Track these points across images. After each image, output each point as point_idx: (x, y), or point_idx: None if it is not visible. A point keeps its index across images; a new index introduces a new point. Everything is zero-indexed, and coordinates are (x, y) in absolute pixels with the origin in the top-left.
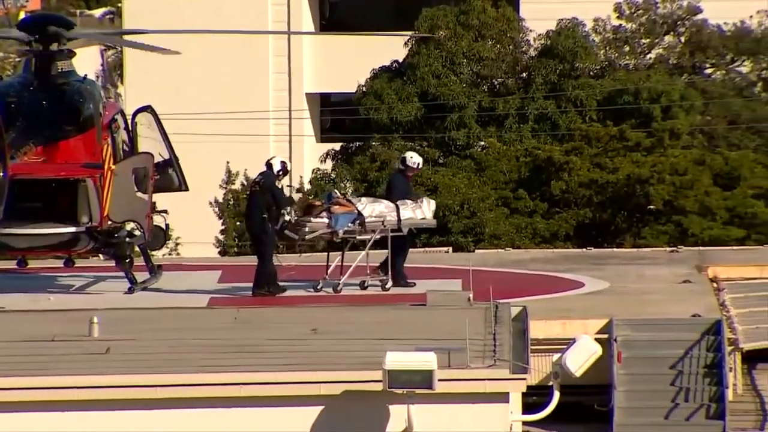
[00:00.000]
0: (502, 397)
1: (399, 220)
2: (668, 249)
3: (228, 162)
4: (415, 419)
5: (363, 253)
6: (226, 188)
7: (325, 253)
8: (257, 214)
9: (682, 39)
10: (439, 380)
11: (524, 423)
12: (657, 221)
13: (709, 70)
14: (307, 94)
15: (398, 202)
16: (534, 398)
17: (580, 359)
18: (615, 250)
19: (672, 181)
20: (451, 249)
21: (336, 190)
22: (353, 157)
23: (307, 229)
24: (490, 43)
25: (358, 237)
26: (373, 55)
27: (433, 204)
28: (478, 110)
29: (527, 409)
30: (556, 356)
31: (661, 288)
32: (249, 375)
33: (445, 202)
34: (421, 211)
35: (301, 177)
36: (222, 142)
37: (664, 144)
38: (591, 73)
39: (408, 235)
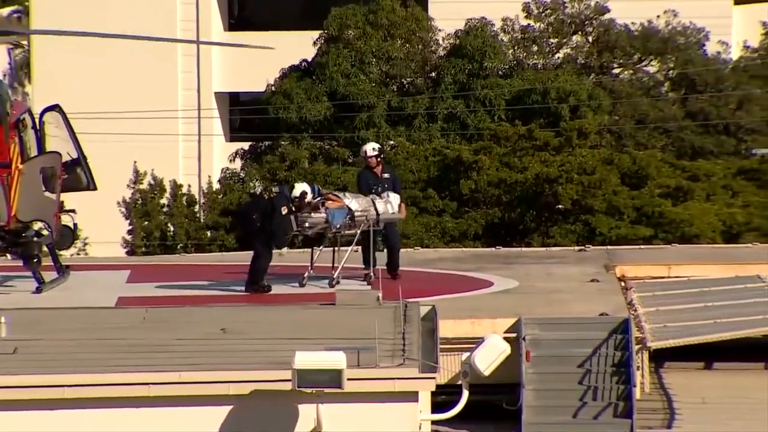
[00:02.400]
0: (411, 396)
1: (378, 214)
2: (576, 248)
3: (135, 162)
4: (324, 419)
5: (350, 248)
6: (133, 188)
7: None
8: (255, 213)
9: (590, 39)
10: (348, 379)
11: (433, 422)
12: (565, 220)
13: (616, 70)
14: (216, 93)
15: (371, 197)
16: (443, 397)
17: (489, 358)
18: (524, 249)
19: (580, 180)
20: (360, 248)
21: (317, 185)
22: (262, 156)
23: (307, 225)
24: (399, 42)
25: (344, 231)
26: (283, 54)
27: (398, 198)
28: (387, 110)
29: (436, 408)
30: (465, 355)
31: (570, 287)
32: (157, 375)
33: None
34: (391, 205)
35: (209, 177)
36: (130, 141)
37: (572, 143)
38: (500, 72)
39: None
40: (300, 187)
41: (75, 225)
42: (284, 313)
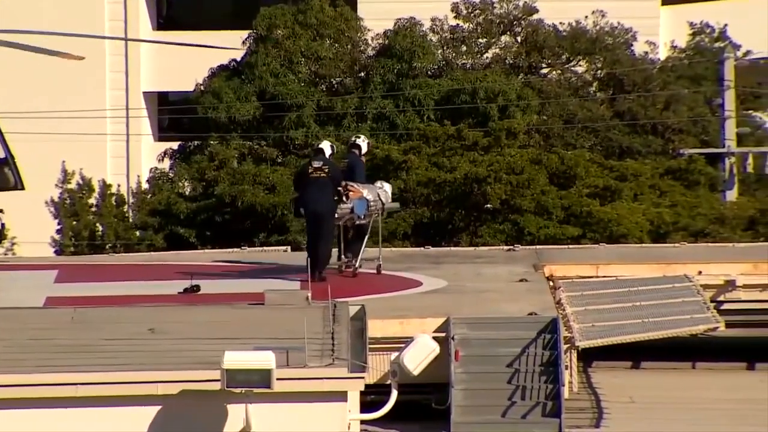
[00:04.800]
0: (340, 396)
1: (383, 203)
2: (505, 248)
3: (64, 161)
4: (253, 419)
5: (365, 238)
6: (62, 188)
7: None
8: (329, 197)
9: (519, 39)
10: (278, 379)
11: (362, 422)
12: (494, 220)
13: (545, 70)
14: (144, 92)
15: (374, 187)
16: (372, 397)
17: (418, 358)
18: (452, 248)
19: (509, 180)
20: (289, 248)
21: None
22: (191, 156)
23: (337, 215)
24: (328, 42)
25: (357, 222)
26: (211, 53)
27: (390, 187)
28: (316, 109)
29: (365, 407)
30: (394, 355)
31: (498, 286)
32: (85, 375)
33: (283, 201)
34: (388, 195)
35: (138, 176)
36: (59, 141)
37: (500, 143)
38: (429, 72)
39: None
40: (326, 145)
41: (3, 225)
42: (213, 312)
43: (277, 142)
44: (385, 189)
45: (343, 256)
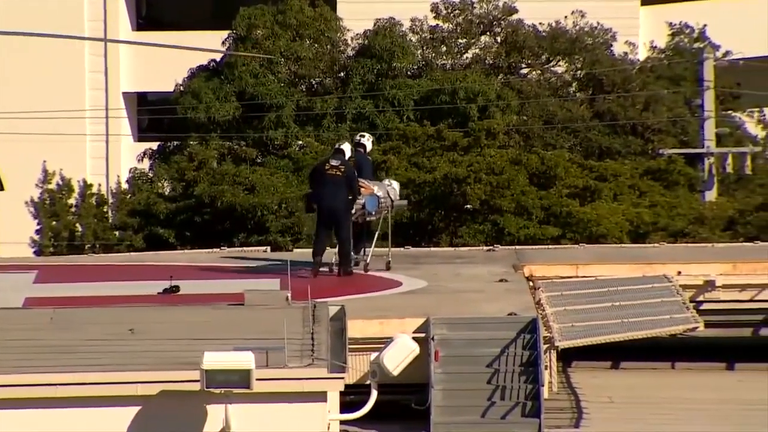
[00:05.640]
0: (320, 397)
1: (392, 200)
2: (485, 248)
3: (45, 161)
4: (233, 419)
5: (376, 234)
6: (42, 188)
7: None
8: (344, 195)
9: (498, 39)
10: (257, 380)
11: (342, 422)
12: (474, 220)
13: (524, 70)
14: (124, 93)
15: (383, 184)
16: (352, 397)
17: (398, 358)
18: (432, 249)
19: (488, 180)
20: (269, 248)
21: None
22: (171, 156)
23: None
24: (307, 42)
25: (367, 218)
26: (191, 54)
27: (398, 185)
28: (295, 110)
29: (345, 408)
30: (374, 355)
31: (478, 287)
32: (64, 376)
33: (263, 202)
34: (397, 192)
35: (118, 177)
36: (38, 141)
37: (480, 143)
38: (408, 72)
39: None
40: (346, 147)
41: None
42: (192, 313)
43: (256, 143)
44: (394, 186)
45: (353, 254)
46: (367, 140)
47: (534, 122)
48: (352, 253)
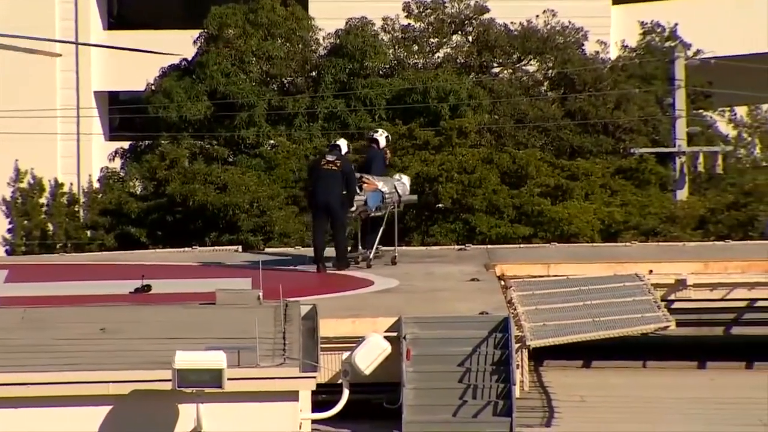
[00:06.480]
0: (292, 396)
1: (400, 196)
2: (456, 247)
3: (17, 160)
4: (205, 418)
5: (380, 230)
6: (14, 187)
7: None
8: (339, 190)
9: (470, 38)
10: (229, 379)
11: (314, 421)
12: (445, 219)
13: (496, 69)
14: (95, 92)
15: (392, 179)
16: (324, 396)
17: (370, 357)
18: (404, 248)
19: (460, 179)
20: (240, 247)
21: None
22: (142, 155)
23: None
24: (279, 41)
25: (372, 214)
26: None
27: (408, 180)
28: (267, 109)
29: (317, 407)
30: (345, 354)
31: (450, 286)
32: (36, 375)
33: (234, 201)
34: (406, 187)
35: (90, 176)
36: (9, 140)
37: (452, 142)
38: (380, 72)
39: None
40: (342, 142)
41: None
42: (164, 312)
43: (228, 142)
44: (403, 181)
45: (360, 248)
46: (380, 135)
47: (505, 121)
48: (357, 247)
